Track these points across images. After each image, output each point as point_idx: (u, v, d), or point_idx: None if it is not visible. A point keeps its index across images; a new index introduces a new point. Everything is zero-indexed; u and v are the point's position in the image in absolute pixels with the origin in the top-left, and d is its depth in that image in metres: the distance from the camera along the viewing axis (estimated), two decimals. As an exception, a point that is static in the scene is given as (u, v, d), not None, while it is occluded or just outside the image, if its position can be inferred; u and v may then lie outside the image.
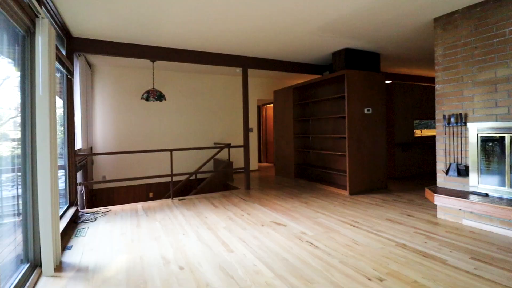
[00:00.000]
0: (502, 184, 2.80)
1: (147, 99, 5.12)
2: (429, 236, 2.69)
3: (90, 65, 5.55)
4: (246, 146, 5.04)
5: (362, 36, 4.09)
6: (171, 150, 4.50)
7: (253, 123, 7.59)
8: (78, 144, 4.22)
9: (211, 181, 5.90)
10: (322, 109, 5.59)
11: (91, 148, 5.54)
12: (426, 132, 6.22)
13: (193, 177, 6.44)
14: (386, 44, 4.50)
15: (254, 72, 6.81)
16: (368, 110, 4.61)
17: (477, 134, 2.97)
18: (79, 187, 4.10)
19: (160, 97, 5.14)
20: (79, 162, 4.07)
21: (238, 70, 6.39)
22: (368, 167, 4.63)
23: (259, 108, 9.23)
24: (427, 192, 3.22)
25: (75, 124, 3.90)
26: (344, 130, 4.91)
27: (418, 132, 6.10)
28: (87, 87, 5.01)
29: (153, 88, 5.22)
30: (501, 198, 2.75)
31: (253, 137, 7.60)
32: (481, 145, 2.96)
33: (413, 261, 2.20)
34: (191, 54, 4.50)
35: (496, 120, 2.86)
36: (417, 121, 6.09)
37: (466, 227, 2.93)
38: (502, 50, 2.83)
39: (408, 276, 1.99)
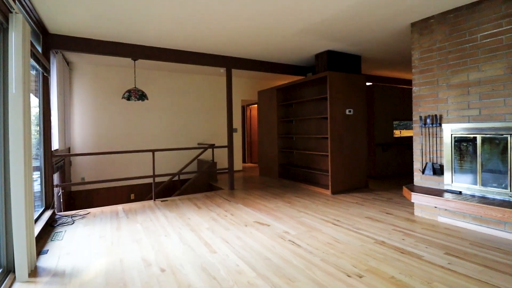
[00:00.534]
0: (474, 182, 2.94)
1: (128, 99, 5.01)
2: (407, 233, 2.78)
3: (68, 62, 5.36)
4: (230, 146, 5.03)
5: (344, 38, 4.18)
6: (153, 151, 4.42)
7: (237, 123, 7.58)
8: (55, 145, 4.07)
9: (194, 182, 5.85)
10: (305, 110, 5.67)
11: (69, 149, 5.36)
12: (405, 133, 6.43)
13: (176, 178, 6.36)
14: (367, 47, 4.62)
15: (238, 73, 6.81)
16: (349, 111, 4.71)
17: (451, 134, 3.11)
18: (56, 189, 3.95)
19: (142, 96, 5.05)
20: (56, 163, 3.93)
21: (222, 70, 6.37)
22: (350, 166, 4.73)
23: (244, 109, 9.23)
24: (405, 190, 3.33)
25: (52, 123, 3.76)
26: (326, 131, 4.99)
27: (397, 133, 6.30)
28: (65, 85, 4.84)
29: (135, 87, 5.12)
30: (473, 196, 2.89)
31: (238, 137, 7.60)
32: (454, 145, 3.10)
33: (391, 257, 2.28)
34: (174, 53, 4.44)
35: (469, 121, 3.00)
36: (396, 122, 6.28)
37: (441, 223, 3.05)
38: (474, 54, 2.98)
39: (386, 272, 2.05)
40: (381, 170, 5.96)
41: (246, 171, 7.51)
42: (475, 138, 2.93)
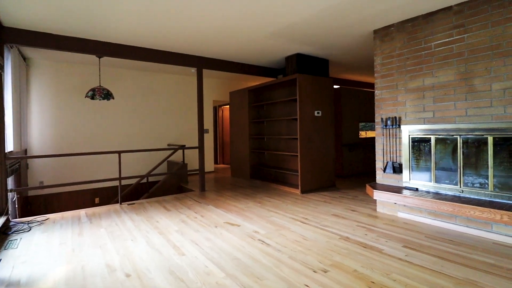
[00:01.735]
0: (429, 179, 3.17)
1: (92, 98, 4.77)
2: (369, 229, 2.94)
3: (24, 58, 5.00)
4: (201, 147, 4.98)
5: (312, 42, 4.32)
6: (119, 152, 4.25)
7: (209, 124, 7.52)
8: (9, 146, 3.77)
9: (164, 184, 5.70)
10: (276, 111, 5.76)
11: (25, 151, 4.99)
12: (370, 134, 6.76)
13: (144, 180, 6.16)
14: (334, 51, 4.81)
15: (210, 73, 6.76)
16: (318, 113, 4.87)
17: (409, 135, 3.33)
18: (10, 194, 3.66)
19: (107, 95, 4.84)
20: (10, 166, 3.64)
21: (193, 70, 6.29)
22: (318, 166, 4.89)
23: (216, 109, 9.17)
24: (368, 188, 3.51)
25: (6, 123, 3.48)
26: (296, 132, 5.12)
27: (363, 134, 6.61)
28: (21, 82, 4.51)
29: (99, 85, 4.89)
30: (428, 192, 3.12)
31: (209, 138, 7.53)
32: (412, 145, 3.33)
33: (354, 252, 2.39)
34: (142, 51, 4.31)
35: (424, 123, 3.24)
36: (362, 124, 6.59)
37: (401, 219, 3.26)
38: (429, 61, 3.22)
39: (349, 266, 2.15)
40: (348, 170, 6.22)
41: (218, 172, 7.46)
42: (429, 138, 3.17)
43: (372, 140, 6.71)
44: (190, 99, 7.11)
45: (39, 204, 5.28)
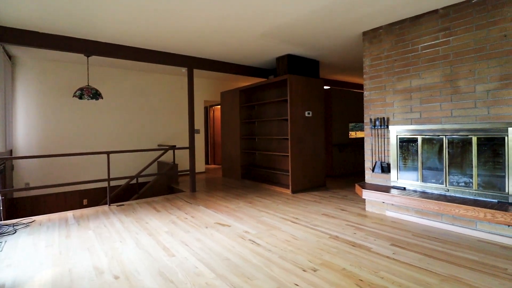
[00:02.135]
0: (416, 179, 3.24)
1: (80, 97, 4.69)
2: (358, 228, 2.98)
3: (10, 56, 4.87)
4: (191, 147, 4.95)
5: (303, 43, 4.35)
6: (108, 153, 4.19)
7: (200, 124, 7.48)
8: (-7, 147, 3.67)
9: (154, 185, 5.65)
10: (267, 112, 5.78)
11: (10, 151, 4.87)
12: (360, 134, 6.86)
13: (134, 181, 6.09)
14: (324, 52, 4.86)
15: (201, 73, 6.73)
16: (308, 113, 4.91)
17: (397, 135, 3.39)
18: (-6, 196, 3.57)
19: (95, 95, 4.76)
20: (-6, 167, 3.55)
21: (184, 70, 6.26)
22: (309, 166, 4.93)
23: (207, 109, 9.14)
24: (357, 187, 3.56)
25: (-11, 123, 3.39)
26: (287, 132, 5.14)
27: (352, 134, 6.69)
28: (6, 81, 4.39)
29: (88, 85, 4.81)
30: (415, 191, 3.19)
31: (200, 138, 7.50)
32: (399, 145, 3.39)
33: (343, 250, 2.42)
34: (132, 50, 4.27)
35: (411, 124, 3.31)
36: (352, 124, 6.67)
37: (389, 217, 3.32)
38: (416, 63, 3.29)
39: (339, 264, 2.18)
40: (338, 169, 6.29)
41: (209, 172, 7.43)
42: (416, 139, 3.24)
43: (361, 140, 6.80)
44: (181, 99, 7.06)
45: (25, 206, 5.16)
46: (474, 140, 2.81)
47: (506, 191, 2.62)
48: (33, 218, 3.60)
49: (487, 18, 2.77)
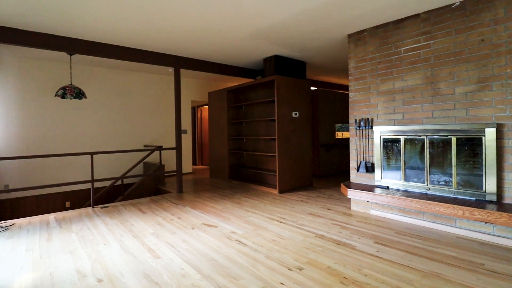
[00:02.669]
0: (399, 178, 3.32)
1: (63, 97, 4.57)
2: (343, 226, 3.03)
3: (-13, 54, 4.70)
4: (178, 148, 4.90)
5: (290, 45, 4.39)
6: (91, 153, 4.10)
7: (187, 124, 7.42)
8: (-31, 148, 3.53)
9: (140, 186, 5.57)
10: (255, 112, 5.80)
11: (-12, 152, 4.69)
12: (346, 134, 6.97)
13: (119, 182, 5.98)
14: (311, 53, 4.91)
15: (188, 73, 6.68)
16: (295, 114, 4.95)
17: (380, 136, 3.47)
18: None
19: (79, 94, 4.65)
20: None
21: (171, 70, 6.19)
22: (296, 166, 4.97)
23: (194, 110, 9.07)
24: (342, 187, 3.63)
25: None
26: (274, 132, 5.17)
27: (339, 134, 6.79)
28: (-17, 80, 4.23)
29: (71, 84, 4.69)
30: (398, 190, 3.27)
31: (187, 139, 7.43)
32: (383, 146, 3.47)
33: (329, 249, 2.46)
34: (117, 49, 4.19)
35: (394, 124, 3.39)
36: (339, 125, 6.78)
37: (373, 216, 3.39)
38: (399, 65, 3.38)
39: (323, 263, 2.21)
40: (325, 169, 6.37)
41: (197, 173, 7.38)
42: (399, 139, 3.32)
43: (347, 140, 6.91)
44: (168, 99, 6.99)
45: (5, 209, 4.97)
46: (454, 140, 2.91)
47: (484, 189, 2.73)
48: (13, 221, 3.48)
49: (466, 23, 2.88)
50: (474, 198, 2.78)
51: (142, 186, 5.59)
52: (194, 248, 2.55)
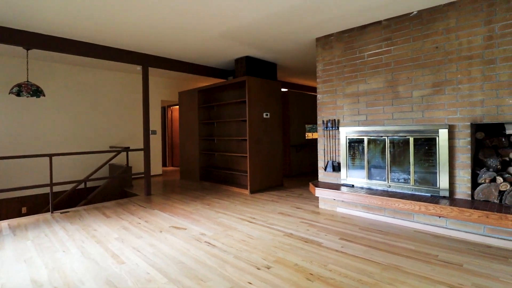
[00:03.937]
0: (363, 176, 3.48)
1: (18, 94, 4.24)
2: (311, 224, 3.12)
3: None
4: (146, 149, 4.75)
5: (260, 46, 4.43)
6: (50, 155, 3.85)
7: (156, 125, 7.21)
8: None
9: (104, 189, 5.31)
10: (226, 112, 5.78)
11: None
12: (315, 135, 7.16)
13: (82, 186, 5.66)
14: (281, 55, 5.00)
15: (158, 72, 6.49)
16: (266, 115, 5.01)
17: (346, 136, 3.62)
18: None
19: (36, 92, 4.34)
20: None
21: (139, 68, 5.99)
22: (267, 167, 5.02)
23: (165, 110, 8.84)
24: (311, 186, 3.73)
25: None
26: (245, 133, 5.19)
27: (309, 135, 6.97)
28: None
29: (27, 81, 4.37)
30: (362, 188, 3.42)
31: (157, 139, 7.23)
32: (348, 146, 3.62)
33: (297, 247, 2.52)
34: (80, 45, 3.97)
35: (358, 125, 3.55)
36: (309, 126, 6.95)
37: (339, 213, 3.52)
38: (362, 69, 3.54)
39: (291, 261, 2.26)
40: (295, 169, 6.50)
41: (167, 175, 7.20)
42: (363, 139, 3.48)
43: (317, 141, 7.09)
44: (136, 98, 6.74)
45: None
46: (411, 140, 3.11)
47: (438, 186, 2.94)
48: (-43, 230, 3.17)
49: (422, 31, 3.09)
50: (429, 194, 2.98)
51: (107, 189, 5.35)
52: (162, 251, 2.48)
